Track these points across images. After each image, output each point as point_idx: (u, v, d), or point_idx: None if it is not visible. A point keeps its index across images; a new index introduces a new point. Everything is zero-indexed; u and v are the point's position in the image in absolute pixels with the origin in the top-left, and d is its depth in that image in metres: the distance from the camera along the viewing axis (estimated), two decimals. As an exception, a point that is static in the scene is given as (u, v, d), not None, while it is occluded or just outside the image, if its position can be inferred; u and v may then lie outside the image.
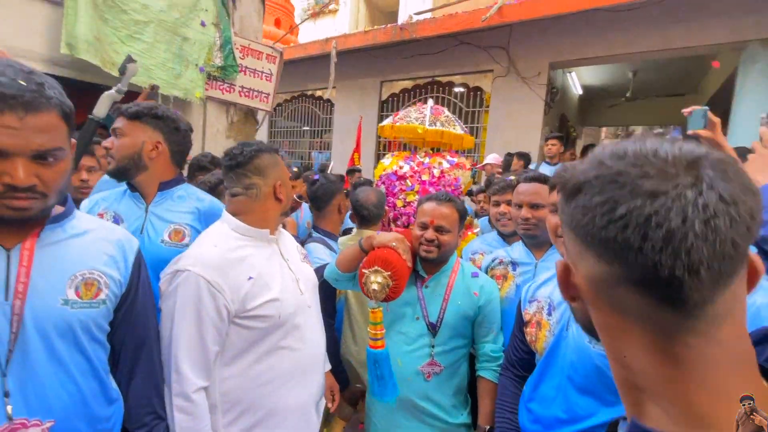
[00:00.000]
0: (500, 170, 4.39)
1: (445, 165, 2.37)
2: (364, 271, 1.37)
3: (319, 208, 2.08)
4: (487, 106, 5.19)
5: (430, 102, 2.62)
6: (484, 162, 4.44)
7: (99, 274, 0.90)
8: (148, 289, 1.04)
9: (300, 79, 7.10)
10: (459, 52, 5.16)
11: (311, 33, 12.52)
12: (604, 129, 10.67)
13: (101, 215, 1.34)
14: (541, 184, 1.55)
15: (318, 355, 1.33)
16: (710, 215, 0.34)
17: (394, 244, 1.39)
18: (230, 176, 1.22)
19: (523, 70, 4.80)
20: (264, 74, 3.31)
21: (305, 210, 5.10)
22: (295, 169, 3.00)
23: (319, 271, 1.68)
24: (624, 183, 0.36)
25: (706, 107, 1.55)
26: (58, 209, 0.90)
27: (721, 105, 4.44)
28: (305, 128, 7.54)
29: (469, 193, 3.08)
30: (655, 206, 0.34)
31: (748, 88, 3.70)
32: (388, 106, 6.14)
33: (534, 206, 1.58)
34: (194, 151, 3.09)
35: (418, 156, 2.46)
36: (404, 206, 2.28)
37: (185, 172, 2.17)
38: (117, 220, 1.34)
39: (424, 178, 2.30)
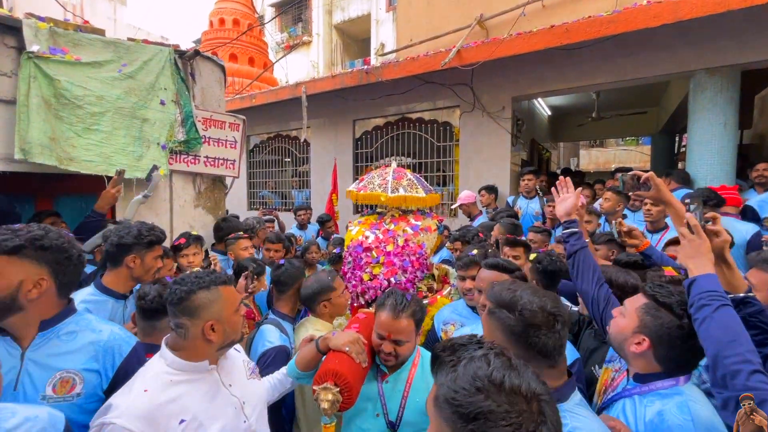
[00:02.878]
0: (476, 207, 4.46)
1: (409, 231, 2.39)
2: (314, 387, 1.37)
3: (281, 291, 2.14)
4: (457, 140, 5.30)
5: (393, 165, 2.67)
6: (458, 201, 4.50)
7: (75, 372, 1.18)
8: None
9: (275, 121, 7.19)
10: (425, 90, 5.28)
11: (288, 65, 12.71)
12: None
13: None
14: (501, 273, 1.61)
15: None
16: None
17: (347, 348, 1.41)
18: (168, 309, 1.22)
19: (487, 105, 4.93)
20: (228, 142, 3.35)
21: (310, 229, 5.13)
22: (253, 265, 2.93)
23: (268, 353, 1.81)
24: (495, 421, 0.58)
25: (631, 173, 1.68)
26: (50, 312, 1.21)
27: (683, 120, 4.60)
28: (283, 169, 7.59)
29: (461, 240, 3.13)
30: None
31: (699, 115, 3.84)
32: (362, 143, 6.24)
33: (473, 278, 1.70)
34: (162, 224, 3.11)
35: (383, 223, 2.49)
36: (370, 279, 2.28)
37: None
38: None
39: (389, 248, 2.31)
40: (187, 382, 1.17)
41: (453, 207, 4.61)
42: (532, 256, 2.21)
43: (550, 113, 6.96)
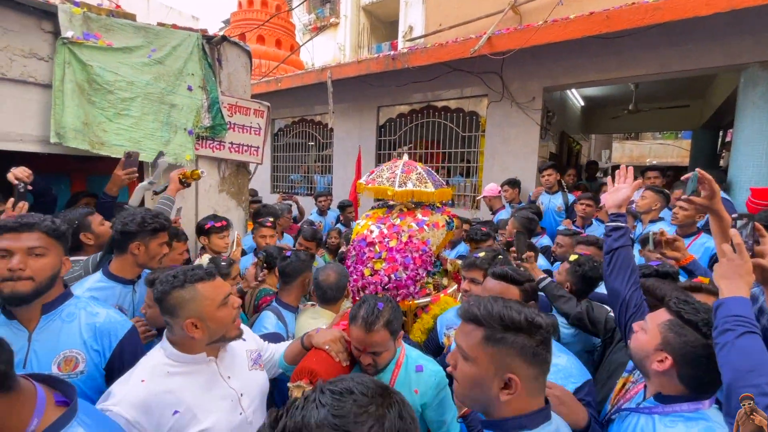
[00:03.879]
0: (499, 201, 4.36)
1: (414, 227, 2.31)
2: (288, 384, 1.38)
3: (286, 282, 2.19)
4: (483, 131, 5.15)
5: (405, 157, 2.59)
6: (483, 193, 4.41)
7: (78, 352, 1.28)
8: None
9: (300, 105, 7.20)
10: (453, 78, 5.14)
11: (315, 47, 12.63)
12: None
13: None
14: (509, 285, 1.48)
15: None
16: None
17: (327, 347, 1.40)
18: None
19: (517, 95, 4.75)
20: (253, 128, 3.37)
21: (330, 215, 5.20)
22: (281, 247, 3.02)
23: (265, 338, 1.81)
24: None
25: (695, 173, 1.50)
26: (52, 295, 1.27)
27: (729, 115, 4.30)
28: (306, 153, 7.62)
29: (470, 239, 3.04)
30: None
31: (748, 112, 3.57)
32: (386, 130, 6.17)
33: (474, 281, 1.66)
34: (187, 209, 3.20)
35: (390, 217, 2.44)
36: (371, 275, 2.23)
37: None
38: None
39: (392, 244, 2.27)
40: (185, 374, 1.19)
41: (477, 198, 4.51)
42: (573, 257, 2.10)
43: (583, 104, 6.64)
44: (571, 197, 4.22)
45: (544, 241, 3.37)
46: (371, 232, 2.35)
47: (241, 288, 2.35)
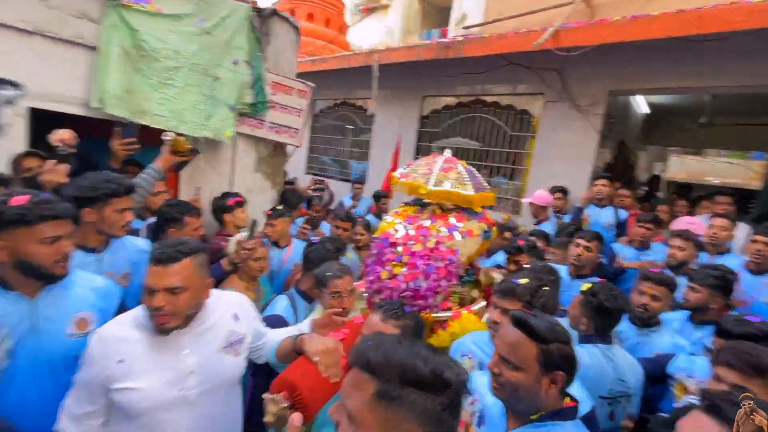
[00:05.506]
0: (545, 211, 4.04)
1: (444, 233, 2.05)
2: (264, 395, 1.22)
3: (307, 269, 2.20)
4: (534, 132, 4.80)
5: (447, 153, 2.32)
6: (530, 198, 4.05)
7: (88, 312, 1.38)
8: None
9: (343, 87, 7.04)
10: (507, 73, 4.79)
11: (363, 29, 12.39)
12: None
13: None
14: (528, 338, 1.10)
15: None
16: None
17: (316, 358, 1.22)
18: None
19: (577, 96, 4.36)
20: (294, 109, 3.24)
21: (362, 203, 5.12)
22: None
23: (266, 319, 1.84)
24: None
25: None
26: None
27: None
28: (344, 137, 7.49)
29: (508, 252, 2.75)
30: None
31: None
32: (429, 122, 5.91)
33: (507, 362, 1.14)
34: (223, 186, 3.14)
35: (420, 218, 2.18)
36: (389, 278, 1.99)
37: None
38: None
39: (416, 248, 2.02)
40: (147, 331, 1.22)
41: (524, 201, 4.14)
42: (585, 286, 1.78)
43: (647, 111, 6.09)
44: (622, 212, 3.85)
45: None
46: (396, 231, 2.12)
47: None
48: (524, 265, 2.22)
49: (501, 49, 4.30)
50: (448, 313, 2.01)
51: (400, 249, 2.02)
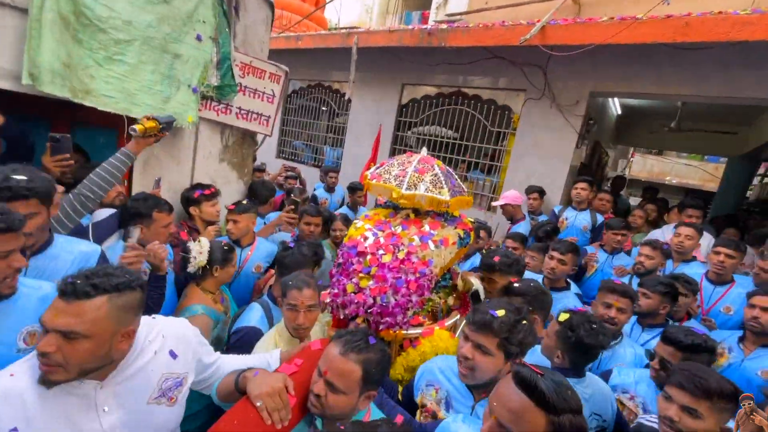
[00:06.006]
0: (520, 210, 4.01)
1: (416, 242, 1.87)
2: None
3: (282, 274, 2.05)
4: (514, 129, 4.73)
5: (423, 152, 2.15)
6: (501, 200, 4.01)
7: None
8: None
9: (318, 68, 6.67)
10: (490, 65, 4.66)
11: (341, 5, 11.80)
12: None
13: None
14: (536, 406, 0.94)
15: None
16: None
17: (259, 403, 1.06)
18: None
19: (559, 95, 4.31)
20: (266, 95, 2.95)
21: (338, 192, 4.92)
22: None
23: (239, 331, 1.85)
24: None
25: None
26: None
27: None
28: (318, 122, 7.15)
29: (482, 267, 2.32)
30: None
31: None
32: (408, 110, 5.71)
33: (480, 348, 1.32)
34: (182, 177, 2.84)
35: (392, 223, 1.99)
36: (354, 292, 1.80)
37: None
38: None
39: (385, 259, 1.81)
40: (54, 390, 0.95)
41: (495, 204, 4.12)
42: (563, 316, 1.60)
43: (619, 113, 6.18)
44: (599, 216, 3.88)
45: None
46: (365, 238, 1.92)
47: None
48: (514, 283, 2.03)
49: (486, 41, 4.15)
50: (419, 330, 1.86)
51: (367, 259, 1.83)
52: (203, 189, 2.66)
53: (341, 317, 1.82)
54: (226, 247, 2.08)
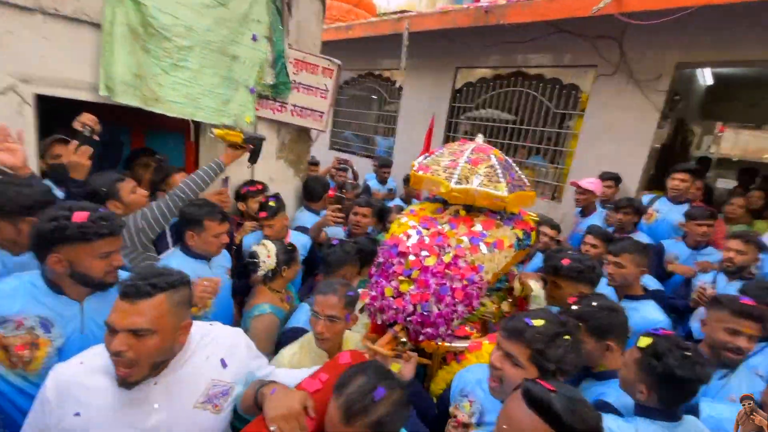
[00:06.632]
0: (595, 199, 3.59)
1: (465, 243, 1.64)
2: None
3: (326, 273, 2.10)
4: (583, 110, 4.31)
5: (479, 139, 1.89)
6: (585, 184, 3.49)
7: None
8: None
9: (369, 56, 6.58)
10: (554, 42, 4.26)
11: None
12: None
13: (20, 322, 1.22)
14: (540, 421, 0.88)
15: None
16: None
17: (273, 428, 0.96)
18: None
19: (637, 69, 3.82)
20: (319, 90, 2.93)
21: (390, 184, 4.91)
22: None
23: (286, 333, 1.87)
24: None
25: None
26: None
27: None
28: (369, 111, 7.10)
29: (546, 270, 2.05)
30: None
31: None
32: (462, 95, 5.45)
33: (510, 357, 1.19)
34: (243, 175, 2.93)
35: (439, 220, 1.76)
36: (393, 297, 1.61)
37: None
38: (46, 325, 1.26)
39: (428, 263, 1.61)
40: (114, 379, 1.03)
41: (580, 183, 3.50)
42: (644, 341, 1.31)
43: (710, 84, 5.38)
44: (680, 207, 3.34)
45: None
46: (408, 237, 1.72)
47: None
48: (572, 305, 1.63)
49: (551, 14, 3.77)
50: (465, 343, 1.67)
51: (409, 261, 1.63)
52: (249, 186, 2.76)
53: (378, 322, 1.68)
54: (289, 248, 2.11)
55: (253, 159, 2.40)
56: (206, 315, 1.89)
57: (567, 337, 1.19)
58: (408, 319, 1.58)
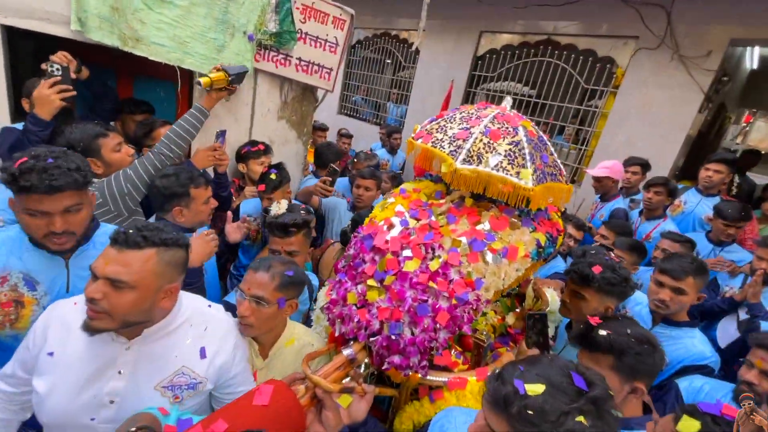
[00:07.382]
0: (616, 186, 3.31)
1: (463, 246, 1.18)
2: None
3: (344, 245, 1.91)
4: (616, 87, 3.93)
5: (506, 103, 1.38)
6: (601, 170, 3.18)
7: None
8: None
9: (384, 14, 6.09)
10: (593, 6, 3.82)
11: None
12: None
13: (5, 278, 1.16)
14: None
15: None
16: None
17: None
18: None
19: (685, 44, 3.42)
20: (328, 43, 2.60)
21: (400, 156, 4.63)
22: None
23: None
24: None
25: None
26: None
27: None
28: (382, 75, 6.65)
29: (570, 273, 1.61)
30: None
31: None
32: (484, 63, 5.03)
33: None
34: (240, 135, 2.66)
35: (433, 209, 1.33)
36: (357, 306, 1.20)
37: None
38: (30, 283, 1.19)
39: (408, 267, 1.16)
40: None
41: (592, 173, 3.22)
42: (689, 426, 0.93)
43: (755, 67, 4.92)
44: (710, 200, 3.05)
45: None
46: (390, 226, 1.29)
47: None
48: (600, 330, 1.20)
49: (595, -27, 3.34)
50: (443, 378, 1.20)
51: (384, 260, 1.20)
52: (251, 146, 2.54)
53: (336, 334, 1.24)
54: (303, 210, 1.90)
55: (237, 81, 2.16)
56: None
57: (581, 419, 0.68)
58: (372, 336, 1.14)
